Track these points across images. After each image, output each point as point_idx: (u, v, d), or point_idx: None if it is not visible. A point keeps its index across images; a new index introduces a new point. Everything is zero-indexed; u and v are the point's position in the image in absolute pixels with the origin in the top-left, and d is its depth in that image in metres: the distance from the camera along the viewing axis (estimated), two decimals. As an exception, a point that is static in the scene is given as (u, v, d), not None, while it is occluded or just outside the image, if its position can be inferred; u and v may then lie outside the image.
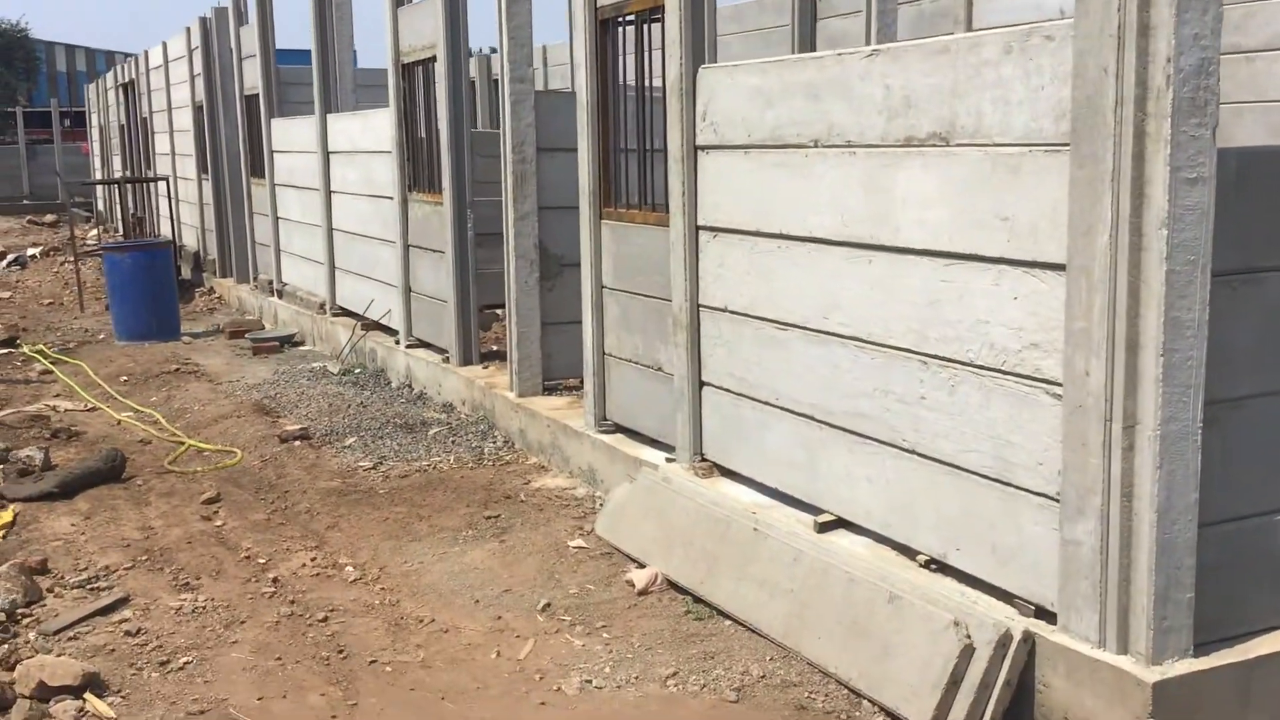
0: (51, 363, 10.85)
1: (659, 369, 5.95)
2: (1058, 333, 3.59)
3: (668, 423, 5.88)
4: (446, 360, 8.61)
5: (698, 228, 5.45)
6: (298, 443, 7.66)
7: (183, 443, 7.94)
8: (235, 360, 11.01)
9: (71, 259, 20.02)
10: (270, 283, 13.40)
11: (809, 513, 4.84)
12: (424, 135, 9.15)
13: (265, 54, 12.95)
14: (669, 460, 5.77)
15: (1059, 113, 3.55)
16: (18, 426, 8.25)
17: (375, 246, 10.11)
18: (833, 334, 4.62)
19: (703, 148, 5.37)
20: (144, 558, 5.71)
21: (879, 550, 4.42)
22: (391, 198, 9.51)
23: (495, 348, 8.98)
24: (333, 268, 11.27)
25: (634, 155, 6.27)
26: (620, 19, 6.15)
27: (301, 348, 11.53)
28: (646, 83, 6.06)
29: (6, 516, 6.29)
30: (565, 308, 7.54)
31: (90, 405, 9.31)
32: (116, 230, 24.35)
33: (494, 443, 7.39)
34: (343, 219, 10.93)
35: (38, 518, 6.39)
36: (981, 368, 3.91)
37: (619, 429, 6.43)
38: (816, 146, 4.62)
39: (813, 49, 12.68)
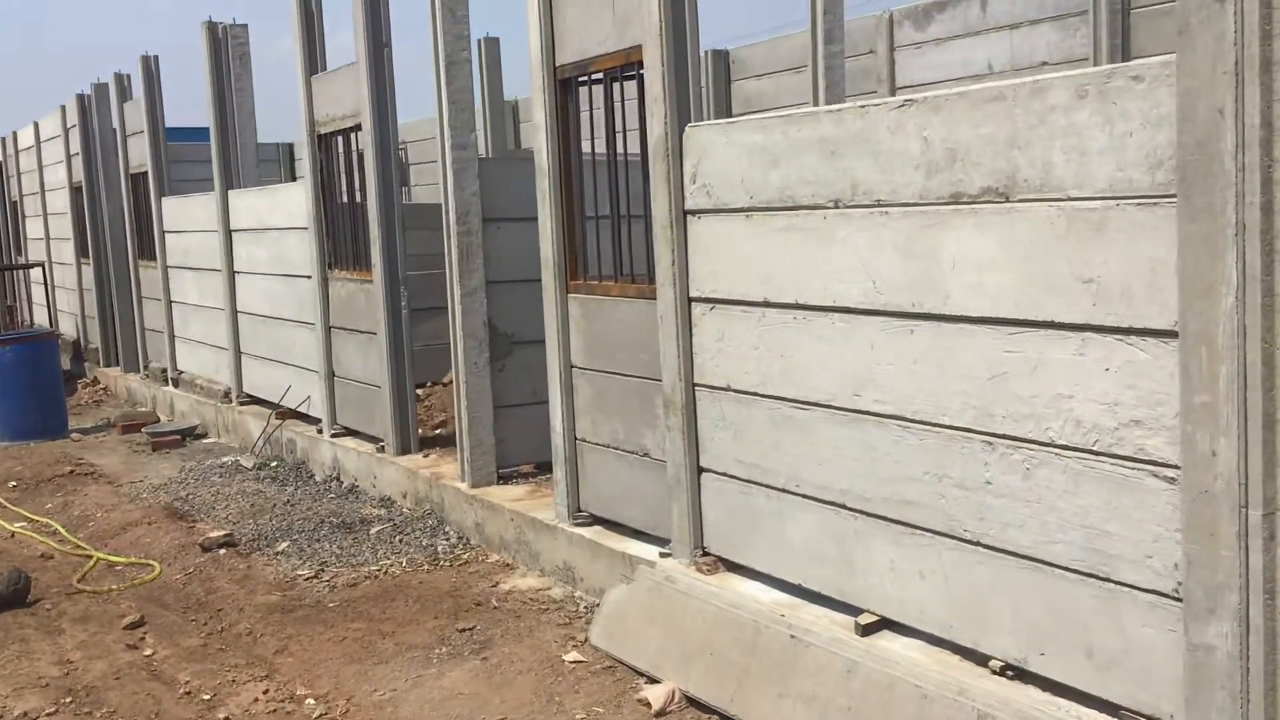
0: (-74, 470, 9.83)
1: (645, 455, 5.43)
2: (1167, 407, 3.19)
3: (659, 514, 5.35)
4: (381, 449, 7.94)
5: (690, 299, 4.98)
6: (223, 551, 6.91)
7: (90, 556, 7.11)
8: (133, 458, 10.12)
9: (-65, 352, 18.70)
10: (164, 371, 12.50)
11: (843, 612, 4.35)
12: (344, 208, 8.55)
13: (154, 129, 12.18)
14: (663, 555, 5.23)
15: (1153, 161, 3.17)
16: (-105, 547, 7.31)
17: (290, 329, 9.41)
18: (867, 413, 4.17)
19: (693, 212, 4.91)
20: (67, 699, 4.93)
21: (939, 655, 3.94)
22: (308, 276, 8.86)
23: (438, 432, 8.35)
24: (238, 353, 10.50)
25: (603, 223, 5.79)
26: (584, 78, 5.69)
27: (205, 440, 10.68)
28: (618, 145, 5.60)
29: (-106, 659, 5.43)
30: (517, 389, 6.99)
31: (-25, 517, 8.37)
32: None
33: (447, 540, 6.75)
34: (250, 301, 10.19)
35: (-69, 658, 5.55)
36: (1065, 448, 3.49)
37: (596, 520, 5.87)
38: (838, 207, 4.20)
39: (728, 112, 12.45)
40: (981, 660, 3.83)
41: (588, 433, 5.84)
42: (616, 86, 5.52)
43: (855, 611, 4.30)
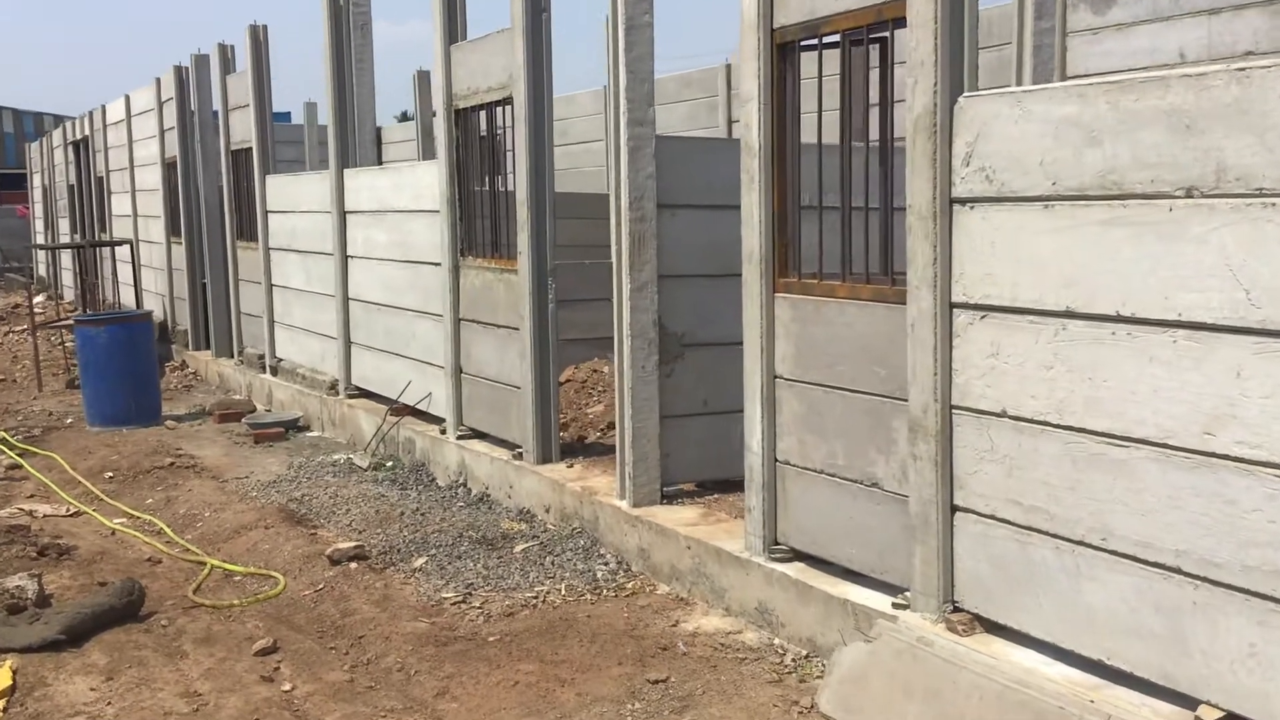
0: (19, 455, 9.24)
1: (874, 485, 4.62)
2: None
3: (888, 555, 4.54)
4: (518, 456, 7.19)
5: (953, 305, 4.17)
6: (353, 565, 6.19)
7: (204, 562, 6.43)
8: (235, 450, 9.47)
9: (18, 330, 18.31)
10: (260, 358, 11.89)
11: (1167, 700, 3.52)
12: (482, 191, 7.83)
13: (260, 103, 11.57)
14: (897, 606, 4.42)
15: None
16: (-7, 542, 6.67)
17: (410, 319, 8.71)
18: (1223, 457, 3.33)
19: (964, 200, 4.10)
20: (202, 747, 4.23)
21: (1327, 769, 3.11)
22: (436, 263, 8.15)
23: (562, 436, 7.58)
24: (348, 342, 9.82)
25: (811, 213, 5.00)
26: (810, 41, 4.89)
27: (309, 434, 10.02)
28: (849, 121, 4.79)
29: (3, 679, 4.75)
30: (686, 397, 6.22)
31: (74, 509, 7.75)
32: (62, 298, 22.60)
33: (604, 565, 5.98)
34: (364, 288, 9.50)
35: (43, 678, 4.87)
36: None
37: (796, 555, 5.07)
38: (1191, 197, 3.37)
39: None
40: (1396, 783, 3.00)
41: (792, 454, 5.04)
42: (854, 51, 4.72)
43: (1187, 701, 3.47)
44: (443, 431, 8.12)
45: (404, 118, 32.40)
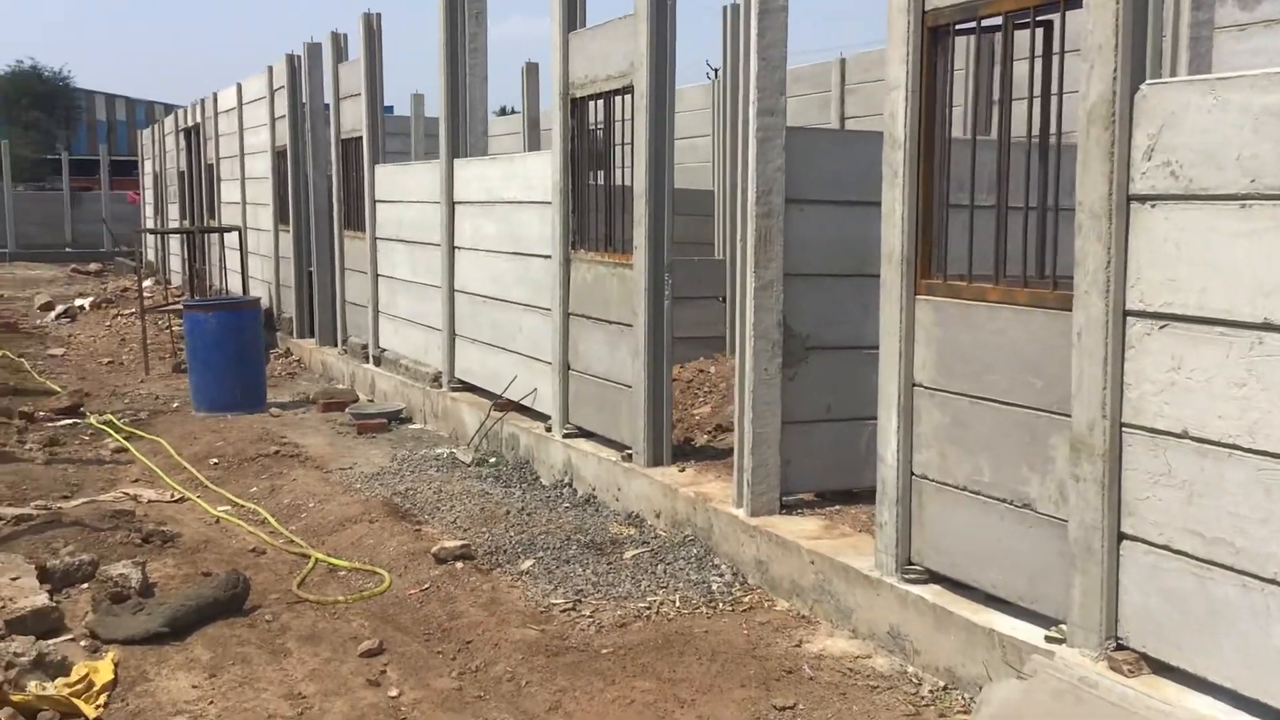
0: (125, 438, 9.25)
1: (1025, 506, 4.27)
2: None
3: (1040, 583, 4.19)
4: (628, 458, 6.94)
5: (1126, 313, 3.80)
6: (459, 564, 5.99)
7: (308, 555, 6.29)
8: (338, 440, 9.38)
9: (126, 313, 18.60)
10: (364, 347, 11.82)
11: (1375, 762, 3.14)
12: (595, 183, 7.60)
13: (372, 92, 11.51)
14: (1051, 639, 4.06)
15: None
16: (99, 527, 6.61)
17: (516, 313, 8.52)
18: None
19: (1144, 198, 3.73)
20: (307, 755, 4.03)
21: None
22: (546, 256, 7.93)
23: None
24: (452, 335, 9.67)
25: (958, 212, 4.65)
26: (968, 24, 4.55)
27: (411, 425, 9.89)
28: (1009, 110, 4.45)
29: (105, 672, 4.62)
30: (809, 402, 5.92)
31: (178, 495, 7.69)
32: (169, 282, 22.98)
33: (719, 576, 5.69)
34: (470, 279, 9.34)
35: (145, 672, 4.73)
36: None
37: (932, 577, 4.73)
38: None
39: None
40: None
41: (931, 468, 4.70)
42: (1018, 36, 4.36)
43: (1400, 765, 3.08)
44: (548, 429, 7.91)
45: (502, 112, 32.47)
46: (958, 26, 4.59)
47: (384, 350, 11.39)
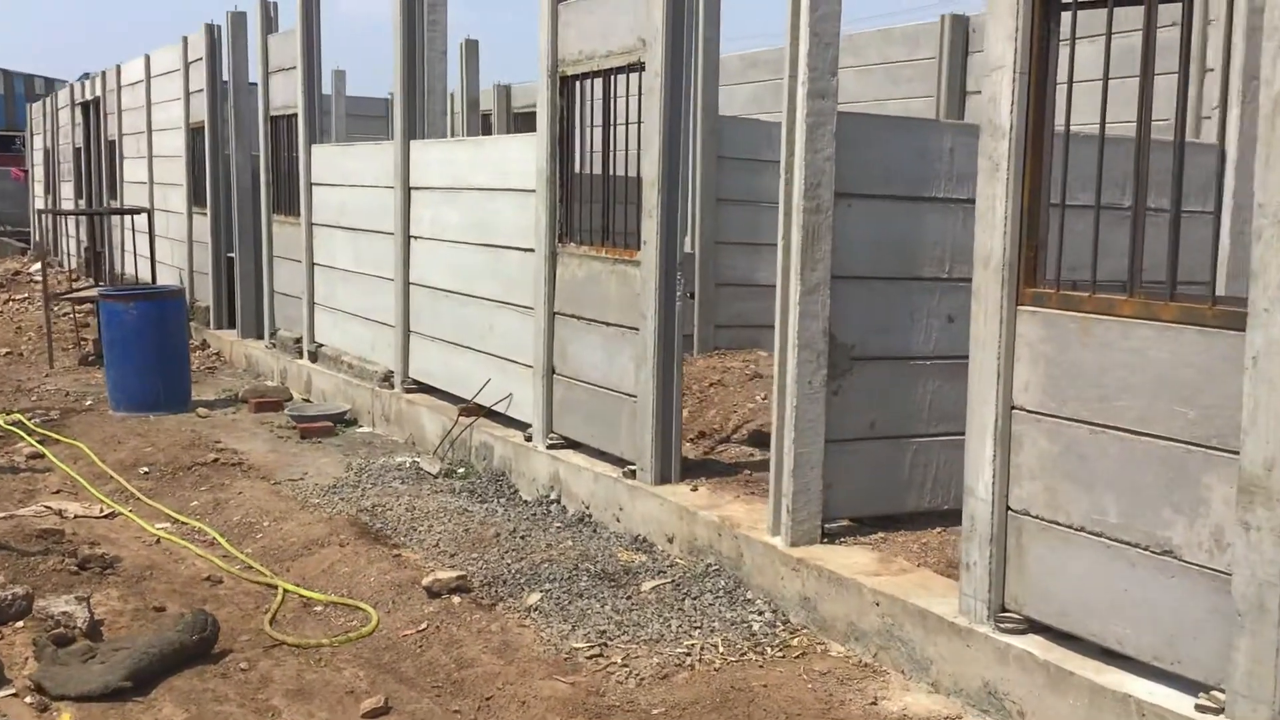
0: (39, 441, 8.27)
1: (1165, 553, 3.72)
2: None
3: (1186, 643, 3.65)
4: (630, 474, 6.27)
5: (1315, 335, 3.27)
6: (456, 598, 5.26)
7: (274, 586, 5.50)
8: (280, 445, 8.52)
9: (18, 298, 17.28)
10: (297, 342, 10.92)
11: None
12: (591, 171, 6.91)
13: (309, 66, 10.61)
14: (1202, 708, 3.53)
15: None
16: (27, 550, 5.71)
17: (488, 310, 7.78)
18: None
19: (1345, 203, 3.20)
20: None
21: None
22: (526, 249, 7.22)
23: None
24: (407, 331, 8.87)
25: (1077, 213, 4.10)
26: (1092, -1, 3.99)
27: (359, 429, 9.07)
28: (1149, 97, 3.89)
29: (60, 746, 3.81)
30: (853, 419, 5.33)
31: (108, 509, 6.80)
32: (64, 265, 21.52)
33: (758, 614, 5.06)
34: (430, 272, 8.56)
35: (107, 744, 3.93)
36: None
37: (1031, 626, 4.17)
38: None
39: (962, 89, 10.62)
40: None
41: (1035, 504, 4.13)
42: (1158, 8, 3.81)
43: None
44: (528, 438, 7.20)
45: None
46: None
47: (321, 345, 10.52)
